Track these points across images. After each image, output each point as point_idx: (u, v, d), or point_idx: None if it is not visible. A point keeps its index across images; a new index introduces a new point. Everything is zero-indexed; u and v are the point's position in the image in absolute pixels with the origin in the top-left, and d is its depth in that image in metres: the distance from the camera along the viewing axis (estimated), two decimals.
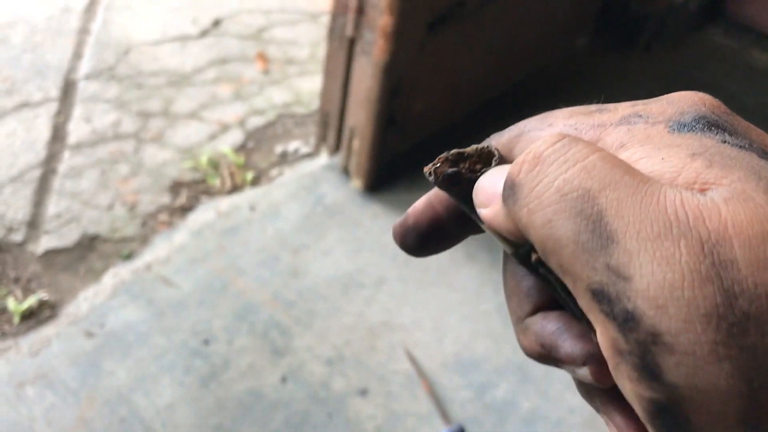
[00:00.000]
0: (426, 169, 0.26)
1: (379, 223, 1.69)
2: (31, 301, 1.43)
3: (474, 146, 0.26)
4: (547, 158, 0.21)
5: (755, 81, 2.41)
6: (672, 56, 2.47)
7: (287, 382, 1.35)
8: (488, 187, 0.24)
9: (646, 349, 0.18)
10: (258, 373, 1.36)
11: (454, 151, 0.26)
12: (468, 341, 1.48)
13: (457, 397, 1.38)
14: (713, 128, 0.22)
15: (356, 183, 1.74)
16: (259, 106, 2.02)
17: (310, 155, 1.87)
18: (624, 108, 0.25)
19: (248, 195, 1.73)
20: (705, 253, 0.18)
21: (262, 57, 2.19)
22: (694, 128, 0.22)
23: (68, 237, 1.57)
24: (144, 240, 1.59)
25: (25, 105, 1.89)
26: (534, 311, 0.25)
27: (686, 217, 0.18)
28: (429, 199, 0.28)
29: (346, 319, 1.48)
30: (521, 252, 0.24)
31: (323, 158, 1.84)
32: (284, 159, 1.86)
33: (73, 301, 1.45)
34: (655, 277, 0.18)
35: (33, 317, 1.41)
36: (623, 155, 0.22)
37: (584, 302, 0.20)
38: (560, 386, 1.42)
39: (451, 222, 0.28)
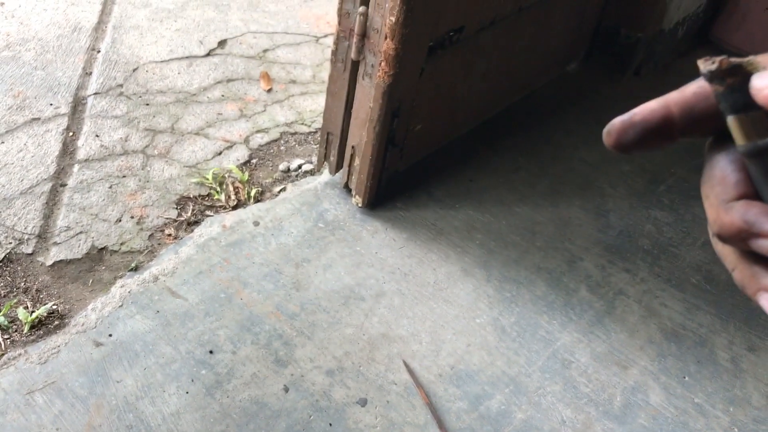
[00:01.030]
0: (702, 61, 0.30)
1: (379, 239, 1.75)
2: (40, 310, 1.46)
3: (730, 59, 0.31)
4: None
5: None
6: (661, 80, 2.55)
7: (290, 392, 1.40)
8: None
9: None
10: (261, 382, 1.41)
11: (714, 58, 0.31)
12: (463, 354, 1.53)
13: (453, 407, 1.42)
14: None
15: (357, 200, 1.80)
16: (263, 124, 2.08)
17: (312, 172, 1.93)
18: None
19: (252, 210, 1.78)
20: None
21: (266, 77, 2.26)
22: None
23: (77, 249, 1.62)
24: (151, 252, 1.64)
25: (36, 120, 1.94)
26: (738, 198, 0.32)
27: None
28: (666, 101, 0.33)
29: (347, 330, 1.53)
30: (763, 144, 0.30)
31: (325, 176, 1.89)
32: (287, 176, 1.92)
33: (82, 311, 1.49)
34: None
35: (42, 326, 1.45)
36: None
37: None
38: (552, 398, 1.47)
39: (680, 123, 0.33)
